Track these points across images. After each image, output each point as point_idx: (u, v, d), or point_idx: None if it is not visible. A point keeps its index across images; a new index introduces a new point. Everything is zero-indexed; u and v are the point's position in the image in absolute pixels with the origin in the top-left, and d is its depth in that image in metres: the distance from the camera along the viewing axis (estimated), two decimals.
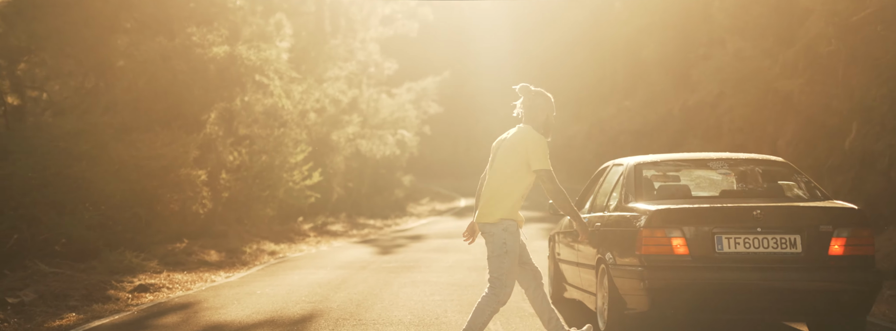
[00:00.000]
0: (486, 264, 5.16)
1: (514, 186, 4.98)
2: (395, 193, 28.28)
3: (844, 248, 5.29)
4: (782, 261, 5.29)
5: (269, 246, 13.08)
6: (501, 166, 4.99)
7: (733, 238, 5.31)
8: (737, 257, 5.30)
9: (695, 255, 5.33)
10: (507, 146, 5.01)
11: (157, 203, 11.15)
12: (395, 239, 15.48)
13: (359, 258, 11.62)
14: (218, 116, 13.74)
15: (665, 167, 6.39)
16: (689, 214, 5.40)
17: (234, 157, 15.57)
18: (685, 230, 5.36)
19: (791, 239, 5.31)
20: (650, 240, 5.40)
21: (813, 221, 5.34)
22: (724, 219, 5.33)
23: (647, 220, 5.43)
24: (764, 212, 5.32)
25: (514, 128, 5.12)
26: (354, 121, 21.47)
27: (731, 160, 6.19)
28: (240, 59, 12.93)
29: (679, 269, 5.31)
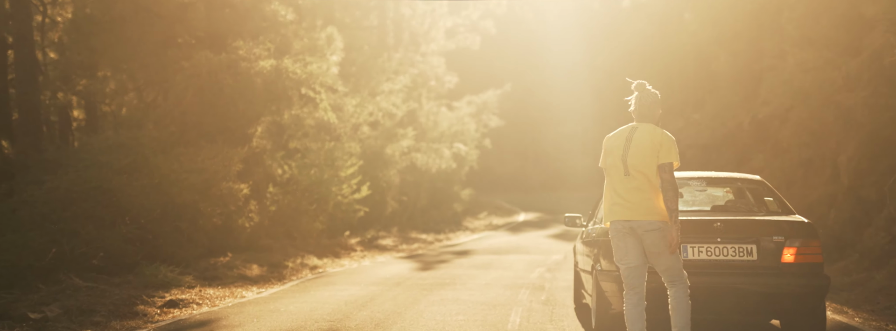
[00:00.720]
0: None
1: (656, 184, 5.20)
2: (453, 207, 28.09)
3: (795, 256, 5.95)
4: (740, 267, 5.98)
5: (312, 261, 13.03)
6: (640, 165, 5.16)
7: (697, 247, 6.01)
8: (700, 263, 5.98)
9: None
10: (642, 146, 5.17)
11: (199, 217, 11.21)
12: (441, 254, 15.27)
13: (396, 274, 11.46)
14: (265, 129, 13.81)
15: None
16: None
17: (284, 170, 15.64)
18: None
19: (748, 248, 5.99)
20: None
21: (767, 232, 6.01)
22: (690, 230, 5.98)
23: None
24: (724, 224, 6.02)
25: (627, 126, 5.29)
26: (409, 134, 21.40)
27: (712, 179, 6.97)
28: (285, 72, 12.97)
29: (651, 273, 5.68)
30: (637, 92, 5.30)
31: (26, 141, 12.76)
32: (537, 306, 8.56)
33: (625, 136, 5.27)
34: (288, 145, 15.68)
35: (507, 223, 26.03)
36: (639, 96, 5.28)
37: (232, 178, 11.64)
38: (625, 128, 5.36)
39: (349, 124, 19.62)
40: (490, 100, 31.99)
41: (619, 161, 5.22)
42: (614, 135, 5.35)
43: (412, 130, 22.08)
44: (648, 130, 5.24)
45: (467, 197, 30.11)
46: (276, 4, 14.81)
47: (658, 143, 5.18)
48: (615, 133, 5.37)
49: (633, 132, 5.26)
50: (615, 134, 5.36)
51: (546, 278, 11.02)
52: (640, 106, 5.27)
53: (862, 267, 10.73)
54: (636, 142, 5.19)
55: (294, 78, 13.20)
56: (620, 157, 5.21)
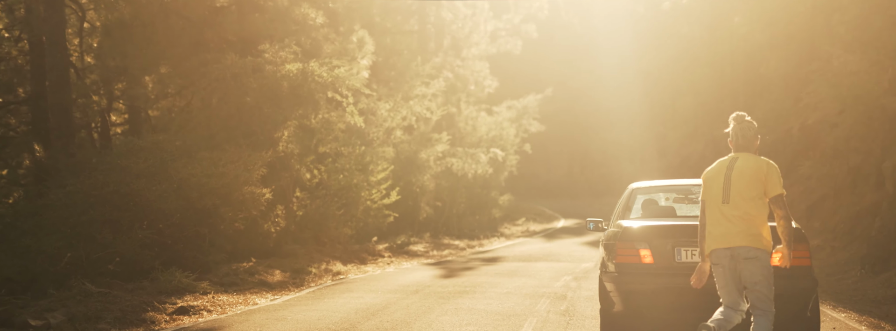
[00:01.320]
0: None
1: (765, 213, 5.36)
2: (491, 213, 27.77)
3: (783, 259, 5.83)
4: None
5: (336, 266, 12.88)
6: (742, 193, 5.31)
7: (690, 250, 6.41)
8: (692, 265, 6.25)
9: (658, 264, 6.46)
10: (745, 176, 5.32)
11: (221, 222, 11.13)
12: (469, 261, 15.00)
13: (417, 281, 11.22)
14: (293, 133, 13.72)
15: (659, 191, 7.92)
16: (654, 231, 6.60)
17: (314, 175, 15.55)
18: (652, 243, 6.50)
19: None
20: (623, 251, 6.59)
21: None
22: (683, 235, 6.45)
23: (621, 234, 6.68)
24: None
25: (727, 158, 5.46)
26: (444, 139, 21.17)
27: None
28: (311, 76, 12.86)
29: (646, 275, 6.43)
30: (734, 123, 5.45)
31: (59, 144, 12.86)
32: (554, 316, 8.25)
33: (725, 165, 5.43)
34: (317, 150, 15.57)
35: (545, 230, 25.64)
36: (736, 128, 5.44)
37: (254, 182, 11.54)
38: (724, 159, 5.51)
39: (382, 129, 19.48)
40: (530, 104, 31.58)
41: (719, 190, 5.38)
42: (713, 167, 5.53)
43: (447, 134, 21.84)
44: (751, 160, 5.40)
45: (506, 203, 29.73)
46: (306, 8, 14.74)
47: (764, 173, 5.32)
48: (714, 166, 5.55)
49: (734, 162, 5.42)
50: (714, 167, 5.54)
51: (571, 287, 10.69)
52: (738, 137, 5.42)
53: None
54: (738, 171, 5.35)
55: (320, 81, 13.09)
56: (721, 185, 5.38)
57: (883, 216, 11.52)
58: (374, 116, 19.36)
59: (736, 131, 5.47)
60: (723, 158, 5.51)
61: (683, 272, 6.24)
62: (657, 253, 6.49)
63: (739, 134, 5.44)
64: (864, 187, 15.12)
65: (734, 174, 5.34)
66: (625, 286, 6.51)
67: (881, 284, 10.62)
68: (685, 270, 6.29)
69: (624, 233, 6.68)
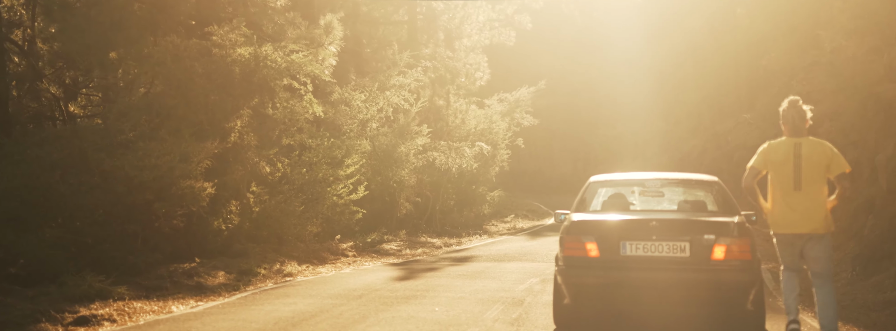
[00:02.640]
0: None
1: (827, 194, 5.81)
2: (480, 209, 26.84)
3: (725, 253, 6.42)
4: (673, 263, 6.48)
5: (291, 267, 11.98)
6: (814, 179, 5.75)
7: (635, 244, 6.54)
8: (637, 259, 6.52)
9: (604, 257, 6.59)
10: (813, 161, 5.74)
11: (155, 219, 10.23)
12: (438, 261, 14.09)
13: (367, 284, 10.32)
14: (248, 123, 12.81)
15: (616, 185, 7.90)
16: (601, 224, 6.75)
17: (278, 168, 14.66)
18: (598, 237, 6.62)
19: (681, 246, 6.50)
20: (570, 244, 6.72)
21: (700, 231, 6.52)
22: (628, 229, 6.62)
23: (569, 228, 6.82)
24: (660, 223, 6.58)
25: (789, 140, 5.90)
26: (424, 132, 20.22)
27: (667, 180, 7.78)
28: (264, 61, 11.96)
29: (591, 268, 6.60)
30: (789, 106, 5.86)
31: None
32: (501, 326, 7.36)
33: (791, 151, 5.82)
34: (281, 141, 14.67)
35: (533, 227, 24.69)
36: (791, 111, 5.83)
37: (196, 176, 10.64)
38: (785, 142, 5.92)
39: (356, 120, 18.58)
40: (523, 97, 30.59)
41: (788, 176, 5.78)
42: (778, 146, 5.95)
43: (427, 127, 20.89)
44: (817, 146, 5.84)
45: (497, 199, 28.79)
46: None
47: (829, 156, 5.83)
48: (778, 144, 5.97)
49: (800, 148, 5.81)
50: (778, 145, 5.95)
51: (534, 291, 9.78)
52: (796, 120, 5.82)
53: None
54: (807, 158, 5.76)
55: (274, 67, 12.18)
56: (790, 171, 5.76)
57: (876, 213, 10.58)
58: (349, 107, 18.47)
59: (791, 115, 5.85)
60: (782, 140, 5.90)
61: (629, 266, 6.47)
62: (603, 247, 6.57)
63: (796, 117, 5.81)
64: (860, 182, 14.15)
65: (804, 162, 5.72)
66: (572, 279, 6.63)
67: (872, 287, 9.69)
68: (631, 264, 6.49)
69: (571, 226, 6.79)
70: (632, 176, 8.07)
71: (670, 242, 6.50)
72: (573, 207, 7.60)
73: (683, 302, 6.73)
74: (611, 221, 6.77)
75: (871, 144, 11.74)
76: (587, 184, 7.87)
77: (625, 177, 8.04)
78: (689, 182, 7.88)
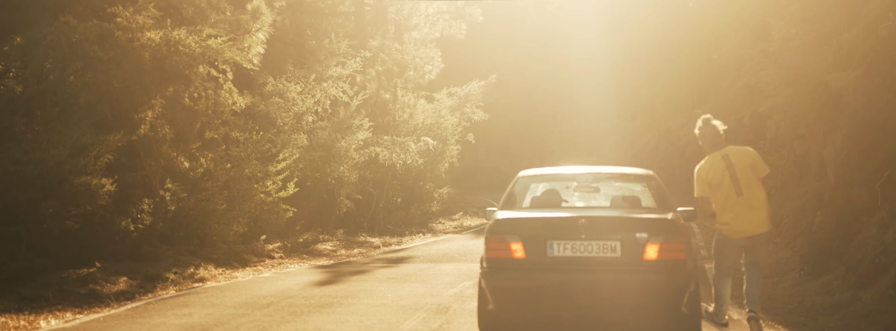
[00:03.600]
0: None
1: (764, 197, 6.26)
2: (429, 207, 26.05)
3: (658, 253, 6.03)
4: (603, 264, 6.06)
5: (206, 271, 11.06)
6: (752, 183, 6.14)
7: (563, 244, 6.09)
8: (565, 260, 6.07)
9: (530, 258, 6.10)
10: (745, 166, 6.17)
11: (43, 220, 9.25)
12: (371, 263, 13.27)
13: (281, 291, 9.46)
14: (161, 114, 11.85)
15: (547, 180, 7.40)
16: (525, 223, 6.26)
17: (201, 163, 13.71)
18: (523, 236, 6.11)
19: (611, 245, 6.08)
20: (493, 244, 6.23)
21: (631, 229, 6.10)
22: (556, 227, 6.15)
23: (492, 227, 6.32)
24: (589, 222, 6.12)
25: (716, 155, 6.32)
26: (365, 126, 19.36)
27: (600, 174, 7.25)
28: (175, 46, 11.02)
29: (516, 270, 6.11)
30: (703, 125, 6.26)
31: None
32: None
33: (722, 164, 6.18)
34: (204, 135, 13.72)
35: (481, 225, 23.96)
36: (707, 130, 6.23)
37: (94, 171, 9.68)
38: (713, 157, 6.29)
39: (291, 113, 17.67)
40: (473, 91, 29.89)
41: (729, 187, 6.13)
42: (709, 166, 6.29)
43: (369, 121, 20.02)
44: (739, 151, 6.27)
45: (446, 196, 28.04)
46: None
47: (754, 158, 6.24)
48: (708, 164, 6.29)
49: (728, 158, 6.19)
50: (709, 165, 6.29)
51: (464, 296, 9.02)
52: (713, 137, 6.25)
53: (847, 284, 8.66)
54: (738, 165, 6.14)
55: (188, 53, 11.25)
56: (729, 182, 6.11)
57: (824, 210, 10.03)
58: (283, 99, 17.56)
59: (707, 132, 6.24)
60: (708, 158, 6.26)
61: (557, 267, 6.05)
62: (529, 247, 6.10)
63: (713, 133, 6.22)
64: (808, 177, 13.66)
65: (737, 169, 6.08)
66: (496, 283, 6.17)
67: (819, 289, 9.12)
68: (558, 265, 6.06)
69: (495, 225, 6.30)
70: (562, 170, 7.52)
71: (600, 241, 6.08)
72: (500, 204, 6.99)
73: (615, 305, 6.26)
74: (537, 220, 6.30)
75: (819, 136, 11.21)
76: (515, 179, 7.35)
77: (555, 171, 7.57)
78: (624, 176, 7.49)
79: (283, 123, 17.40)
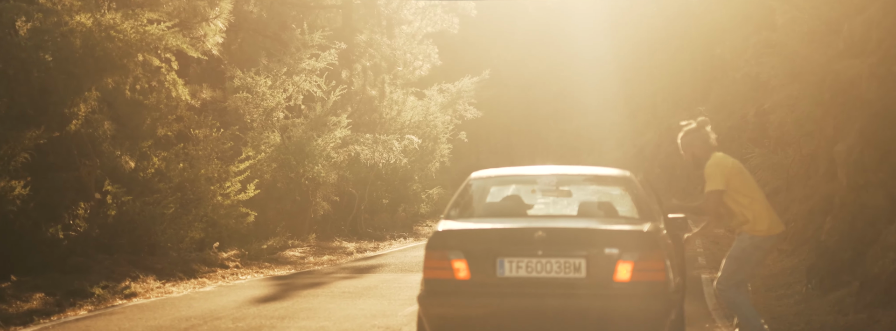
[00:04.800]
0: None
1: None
2: (417, 208, 24.89)
3: (631, 273, 5.08)
4: (565, 286, 5.12)
5: (142, 284, 9.87)
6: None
7: (516, 262, 5.17)
8: (518, 281, 5.14)
9: (476, 279, 5.17)
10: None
11: None
12: (335, 272, 12.09)
13: (211, 311, 8.24)
14: (97, 108, 10.70)
15: (504, 182, 6.34)
16: (470, 236, 5.31)
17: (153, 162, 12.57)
18: (468, 252, 5.17)
19: (575, 263, 5.14)
20: (432, 263, 5.27)
21: (598, 244, 5.15)
22: (507, 241, 5.21)
23: (429, 240, 5.37)
24: (547, 234, 5.18)
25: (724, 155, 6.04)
26: (343, 123, 18.19)
27: (566, 176, 6.14)
28: (107, 32, 9.87)
29: (459, 294, 5.17)
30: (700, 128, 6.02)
31: None
32: None
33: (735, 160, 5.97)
34: (155, 131, 12.57)
35: None
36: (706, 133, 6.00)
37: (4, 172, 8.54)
38: (723, 154, 5.99)
39: (260, 109, 16.51)
40: (465, 88, 28.74)
41: (754, 181, 5.89)
42: (727, 160, 5.90)
43: (348, 117, 18.85)
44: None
45: (436, 197, 26.88)
46: None
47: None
48: (724, 159, 5.91)
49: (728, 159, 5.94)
50: (726, 159, 5.91)
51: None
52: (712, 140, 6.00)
53: (862, 303, 7.49)
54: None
55: (123, 39, 10.11)
56: (751, 178, 5.91)
57: (834, 215, 8.81)
58: (252, 94, 16.41)
59: (708, 136, 5.97)
60: (722, 154, 5.96)
61: (508, 291, 5.09)
62: (475, 265, 5.12)
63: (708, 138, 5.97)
64: (816, 178, 12.44)
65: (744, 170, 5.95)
66: (434, 310, 5.18)
67: (830, 306, 7.94)
68: (510, 287, 5.09)
69: (434, 239, 5.30)
70: (522, 171, 6.48)
71: (561, 258, 5.11)
72: (445, 212, 5.85)
73: None
74: (484, 232, 5.32)
75: (828, 132, 10.00)
76: (466, 182, 6.19)
77: (513, 172, 6.48)
78: (596, 178, 6.35)
79: (252, 120, 16.26)
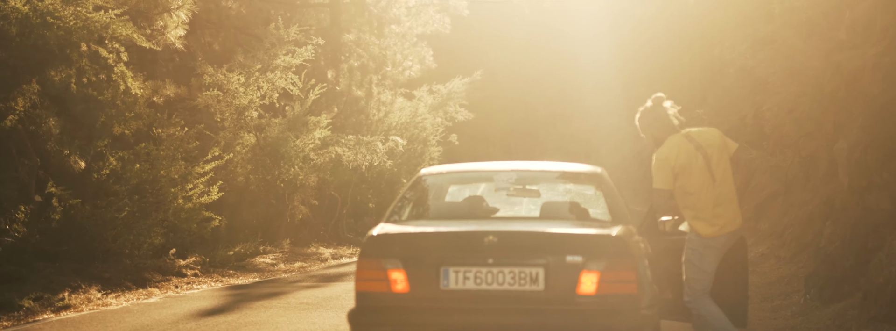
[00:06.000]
0: None
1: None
2: None
3: (598, 285, 4.37)
4: (520, 300, 4.43)
5: (84, 296, 9.03)
6: (726, 166, 5.07)
7: (462, 272, 4.46)
8: (466, 295, 4.44)
9: (416, 293, 4.49)
10: (716, 145, 5.07)
11: None
12: (299, 281, 11.28)
13: (147, 325, 7.38)
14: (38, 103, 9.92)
15: (458, 180, 5.83)
16: (409, 241, 4.64)
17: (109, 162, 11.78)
18: (406, 260, 4.51)
19: (531, 273, 4.42)
20: (365, 273, 4.60)
21: (559, 251, 4.43)
22: (453, 248, 4.50)
23: (363, 247, 4.67)
24: (500, 239, 4.47)
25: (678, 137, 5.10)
26: (323, 123, 17.40)
27: (529, 172, 5.51)
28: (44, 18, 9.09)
29: (396, 310, 4.51)
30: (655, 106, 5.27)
31: None
32: None
33: (689, 146, 5.06)
34: (112, 130, 11.78)
35: None
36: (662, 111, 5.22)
37: None
38: (676, 138, 5.11)
39: (232, 107, 15.72)
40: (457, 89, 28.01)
41: (705, 172, 5.03)
42: (675, 148, 5.06)
43: (331, 118, 18.05)
44: (706, 131, 5.19)
45: None
46: None
47: (722, 136, 5.17)
48: (673, 146, 5.07)
49: (693, 139, 5.09)
50: (674, 147, 5.06)
51: None
52: (667, 118, 5.19)
53: (866, 316, 6.73)
54: (708, 145, 5.05)
55: (64, 27, 9.33)
56: (704, 167, 5.02)
57: (835, 219, 8.02)
58: (223, 92, 15.62)
59: (660, 115, 5.16)
60: (673, 140, 5.11)
61: (453, 306, 4.43)
62: (415, 276, 4.45)
63: (664, 116, 5.16)
64: (816, 180, 11.65)
65: (707, 150, 5.03)
66: (366, 329, 4.55)
67: (830, 320, 7.16)
68: (456, 303, 4.42)
69: (368, 245, 4.60)
70: (478, 167, 5.79)
71: (516, 267, 4.40)
72: (386, 214, 5.12)
73: None
74: (426, 237, 4.63)
75: (829, 130, 9.21)
76: (414, 179, 5.49)
77: (468, 168, 5.78)
78: (564, 175, 5.67)
79: (222, 118, 15.47)
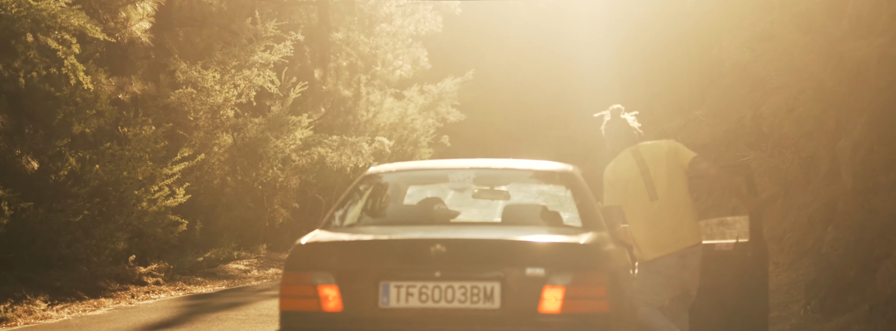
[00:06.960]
0: None
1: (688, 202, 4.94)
2: None
3: (562, 302, 3.77)
4: (471, 321, 3.79)
5: (29, 307, 8.35)
6: (673, 182, 4.87)
7: (405, 287, 3.81)
8: (407, 315, 3.78)
9: (350, 313, 3.82)
10: (659, 159, 4.90)
11: None
12: (265, 290, 10.60)
13: None
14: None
15: (411, 179, 5.15)
16: (343, 251, 3.96)
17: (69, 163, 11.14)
18: (339, 274, 3.83)
19: (485, 289, 3.80)
20: (291, 289, 3.90)
21: (518, 262, 3.81)
22: (393, 259, 3.86)
23: (288, 259, 3.98)
24: (449, 248, 3.80)
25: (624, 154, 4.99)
26: (304, 122, 16.76)
27: (489, 170, 4.88)
28: None
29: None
30: (613, 118, 5.10)
31: None
32: None
33: (633, 159, 4.94)
34: (72, 129, 11.14)
35: None
36: (620, 124, 5.05)
37: None
38: (625, 154, 5.00)
39: (206, 106, 15.07)
40: (448, 89, 27.47)
41: (642, 187, 4.86)
42: (619, 165, 4.96)
43: (308, 116, 17.41)
44: (654, 145, 5.02)
45: None
46: None
47: (674, 150, 4.96)
48: (615, 164, 4.99)
49: (639, 154, 4.96)
50: (619, 163, 4.97)
51: None
52: (628, 130, 5.05)
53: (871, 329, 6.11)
54: (652, 161, 4.91)
55: (6, 15, 8.69)
56: (643, 181, 4.86)
57: (838, 223, 7.36)
58: (196, 89, 14.99)
59: (616, 127, 5.02)
60: (621, 155, 4.99)
61: (396, 327, 3.76)
62: (349, 293, 3.78)
63: (622, 128, 5.02)
64: (817, 181, 10.98)
65: (650, 165, 4.87)
66: None
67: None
68: (397, 324, 3.76)
69: (294, 255, 3.91)
70: (431, 165, 5.11)
71: (467, 281, 3.77)
72: (323, 220, 4.42)
73: None
74: (361, 245, 4.00)
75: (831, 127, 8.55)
76: (360, 178, 4.75)
77: (420, 166, 5.25)
78: (529, 174, 4.96)
79: (196, 118, 14.82)
